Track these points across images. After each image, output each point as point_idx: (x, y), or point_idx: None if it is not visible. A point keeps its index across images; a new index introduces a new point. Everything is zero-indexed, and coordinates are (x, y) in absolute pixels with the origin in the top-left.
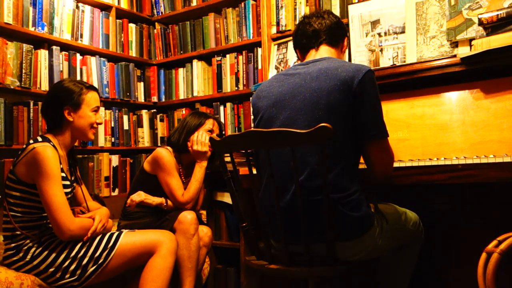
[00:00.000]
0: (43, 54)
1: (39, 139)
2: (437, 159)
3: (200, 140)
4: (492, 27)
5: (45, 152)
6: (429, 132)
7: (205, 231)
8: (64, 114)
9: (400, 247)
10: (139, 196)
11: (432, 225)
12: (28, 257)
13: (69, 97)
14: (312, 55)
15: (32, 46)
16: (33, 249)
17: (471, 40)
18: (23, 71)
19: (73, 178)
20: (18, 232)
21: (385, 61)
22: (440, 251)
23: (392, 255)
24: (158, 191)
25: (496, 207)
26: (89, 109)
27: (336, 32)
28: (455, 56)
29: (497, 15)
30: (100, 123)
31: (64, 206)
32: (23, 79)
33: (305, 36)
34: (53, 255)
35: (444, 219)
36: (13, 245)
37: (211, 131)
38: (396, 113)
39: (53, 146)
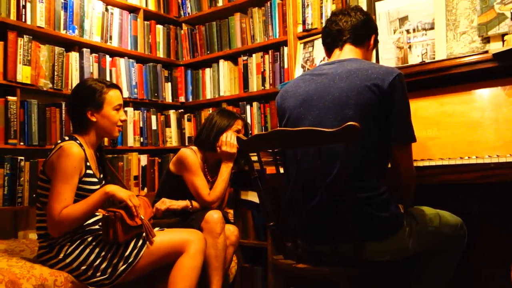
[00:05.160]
0: (74, 56)
1: (66, 138)
2: (468, 157)
3: (229, 141)
4: None
5: (70, 149)
6: (460, 130)
7: (232, 230)
8: (87, 115)
9: (434, 251)
10: (164, 204)
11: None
12: (61, 255)
13: (91, 97)
14: (337, 54)
15: (63, 49)
16: (65, 247)
17: (503, 35)
18: (55, 73)
19: (101, 176)
20: None
21: (414, 58)
22: (473, 251)
23: (427, 260)
24: (185, 191)
25: None
26: (111, 108)
27: (362, 31)
28: (487, 52)
29: None
30: (124, 120)
31: (63, 203)
32: (55, 81)
33: (330, 35)
34: (85, 253)
35: (478, 219)
36: (46, 243)
37: (238, 131)
38: (425, 111)
39: (80, 144)
